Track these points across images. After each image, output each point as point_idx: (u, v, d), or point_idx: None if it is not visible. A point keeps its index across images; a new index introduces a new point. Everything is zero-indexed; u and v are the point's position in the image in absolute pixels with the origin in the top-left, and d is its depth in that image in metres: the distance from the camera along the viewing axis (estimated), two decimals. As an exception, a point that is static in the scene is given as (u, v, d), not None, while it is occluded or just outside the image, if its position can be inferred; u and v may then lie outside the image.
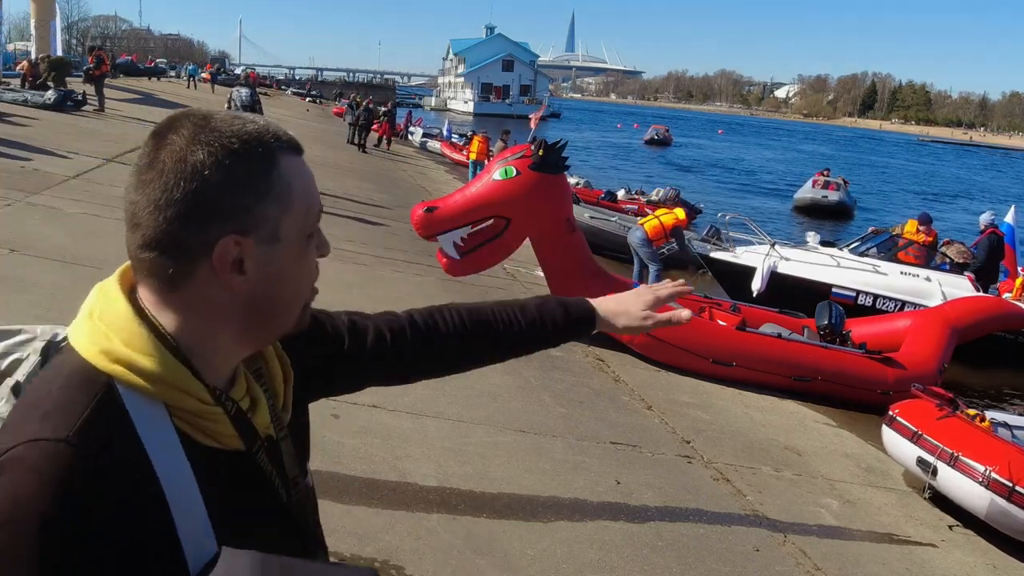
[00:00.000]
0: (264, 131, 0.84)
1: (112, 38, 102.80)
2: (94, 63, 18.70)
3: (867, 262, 10.21)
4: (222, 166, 0.79)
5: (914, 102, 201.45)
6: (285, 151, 0.84)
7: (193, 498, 0.79)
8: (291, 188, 0.83)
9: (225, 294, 0.82)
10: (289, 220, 0.83)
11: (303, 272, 0.87)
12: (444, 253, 7.13)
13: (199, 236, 0.79)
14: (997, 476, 4.75)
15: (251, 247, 0.81)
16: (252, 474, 0.88)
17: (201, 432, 0.82)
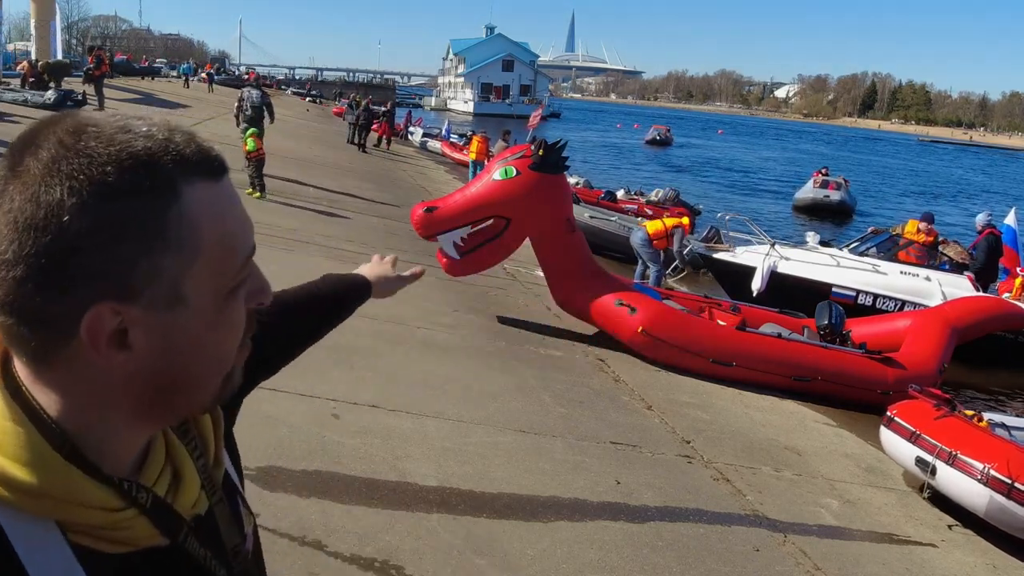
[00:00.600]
0: (161, 150, 0.61)
1: (112, 38, 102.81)
2: (94, 63, 18.71)
3: (867, 262, 10.22)
4: (89, 208, 0.58)
5: (914, 102, 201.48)
6: (193, 177, 0.62)
7: None
8: (198, 230, 0.62)
9: (108, 374, 0.62)
10: (197, 274, 0.62)
11: (223, 338, 0.66)
12: (444, 253, 7.14)
13: (60, 304, 0.59)
14: (996, 473, 4.76)
15: (137, 315, 0.61)
16: (182, 568, 0.71)
17: (107, 542, 0.65)
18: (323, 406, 4.33)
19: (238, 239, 0.66)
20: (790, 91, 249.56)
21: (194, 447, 0.76)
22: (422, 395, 4.95)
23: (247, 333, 0.70)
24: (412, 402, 4.78)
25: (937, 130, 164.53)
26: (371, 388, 4.83)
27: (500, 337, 6.77)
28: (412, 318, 6.60)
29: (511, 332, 7.04)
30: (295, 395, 4.35)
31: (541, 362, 6.37)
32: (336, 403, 4.43)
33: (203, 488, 0.75)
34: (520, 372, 5.90)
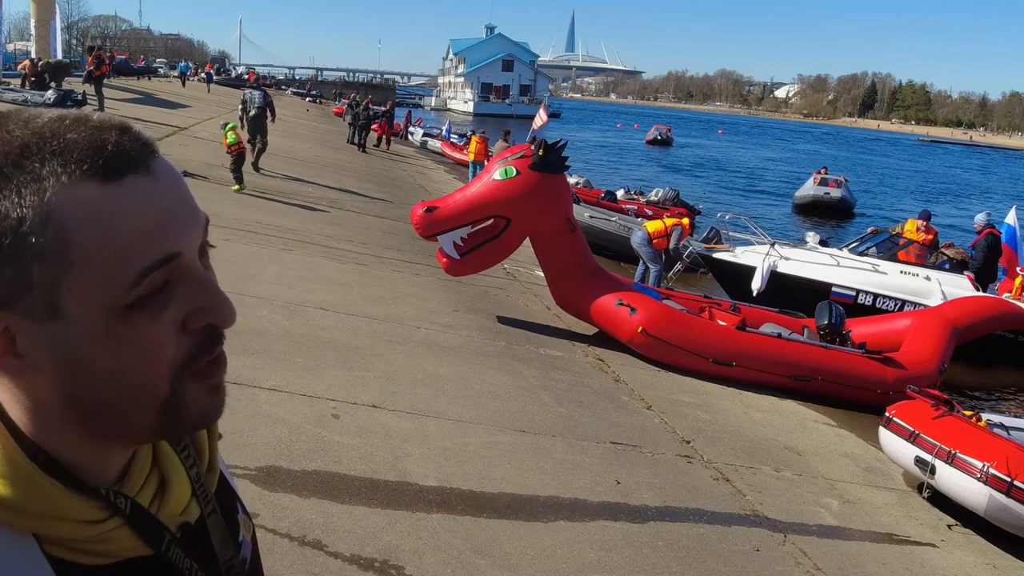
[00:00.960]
0: (38, 143, 0.55)
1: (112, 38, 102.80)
2: (94, 64, 18.72)
3: (867, 261, 10.23)
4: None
5: (914, 102, 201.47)
6: (71, 176, 0.55)
7: None
8: (70, 236, 0.55)
9: (31, 384, 0.59)
10: (75, 286, 0.56)
11: (123, 359, 0.58)
12: (444, 253, 7.14)
13: None
14: (995, 472, 4.76)
15: (18, 323, 0.56)
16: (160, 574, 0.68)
17: (87, 554, 0.62)
18: (323, 406, 4.34)
19: (137, 248, 0.56)
20: (790, 91, 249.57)
21: (187, 455, 0.72)
22: (422, 395, 4.95)
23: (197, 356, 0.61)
24: (412, 402, 4.78)
25: (937, 130, 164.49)
26: (371, 388, 4.83)
27: (500, 337, 6.78)
28: (412, 318, 6.60)
29: (511, 332, 7.04)
30: (295, 395, 4.35)
31: (541, 362, 6.37)
32: (336, 403, 4.43)
33: (195, 496, 0.72)
34: (520, 372, 5.90)
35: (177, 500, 0.69)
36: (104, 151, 0.56)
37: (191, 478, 0.71)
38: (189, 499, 0.71)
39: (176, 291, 0.59)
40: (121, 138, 0.58)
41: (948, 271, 10.23)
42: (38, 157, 0.55)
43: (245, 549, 0.80)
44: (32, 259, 0.54)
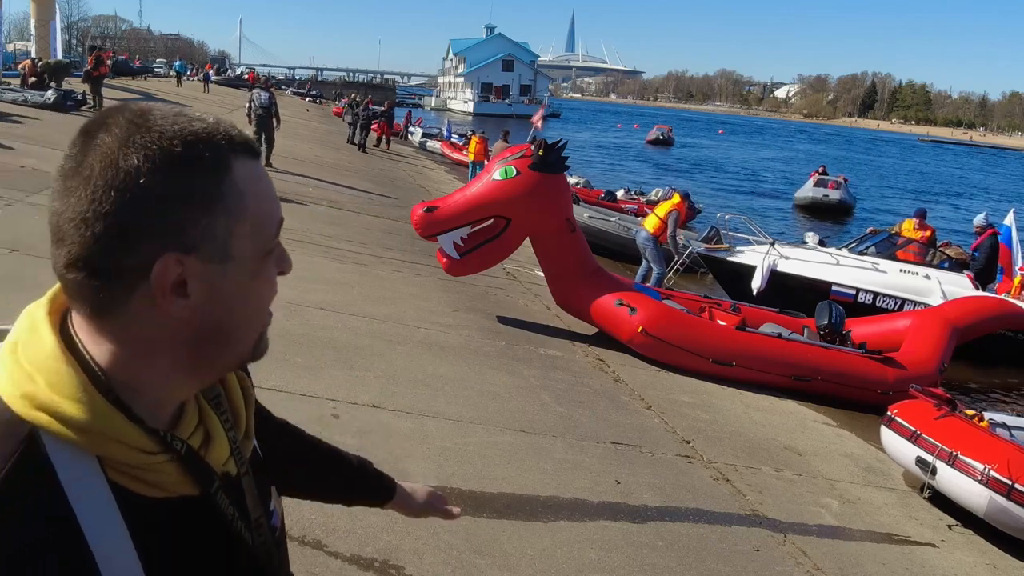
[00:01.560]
0: (214, 131, 0.72)
1: (112, 38, 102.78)
2: (93, 63, 18.72)
3: (867, 260, 10.23)
4: (161, 173, 0.68)
5: (914, 102, 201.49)
6: (239, 155, 0.73)
7: (129, 564, 0.70)
8: (244, 198, 0.72)
9: (166, 321, 0.71)
10: (242, 235, 0.72)
11: (259, 293, 0.76)
12: (444, 253, 7.14)
13: (134, 255, 0.68)
14: (996, 474, 4.75)
15: (195, 266, 0.70)
16: (209, 521, 0.78)
17: (142, 483, 0.72)
18: (323, 406, 4.33)
19: (272, 208, 0.77)
20: (790, 91, 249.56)
21: (225, 419, 0.83)
22: (422, 395, 4.95)
23: (271, 299, 0.79)
24: (412, 402, 4.77)
25: (937, 130, 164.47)
26: (371, 388, 4.83)
27: (500, 337, 6.77)
28: (412, 318, 6.60)
29: (511, 332, 7.04)
30: (295, 395, 4.35)
31: (541, 362, 6.37)
32: (336, 403, 4.43)
33: (232, 456, 0.82)
34: (520, 372, 5.89)
35: (220, 452, 0.80)
36: (248, 138, 0.76)
37: (229, 439, 0.82)
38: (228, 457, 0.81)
39: (277, 245, 0.78)
40: (240, 132, 0.76)
41: (948, 270, 10.24)
42: (217, 139, 0.72)
43: (276, 518, 0.90)
44: (219, 212, 0.71)
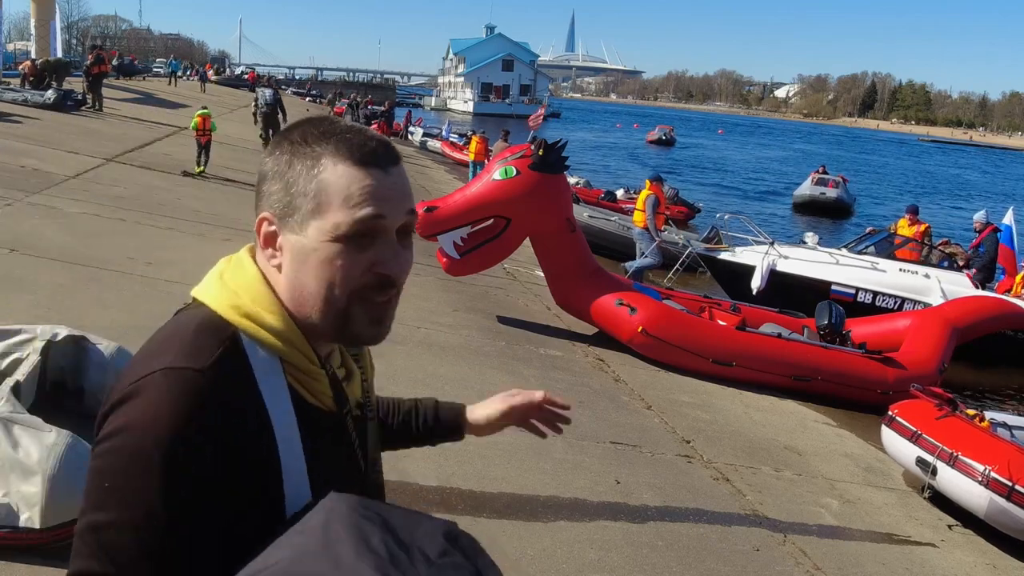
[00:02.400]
0: (332, 135, 0.91)
1: (112, 38, 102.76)
2: (93, 60, 18.73)
3: (866, 259, 10.23)
4: (280, 159, 0.92)
5: (914, 102, 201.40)
6: (336, 159, 0.90)
7: (296, 446, 0.89)
8: (327, 191, 0.89)
9: (280, 273, 0.92)
10: (318, 218, 0.89)
11: (322, 268, 0.90)
12: (444, 253, 7.14)
13: (258, 208, 0.94)
14: (996, 475, 4.75)
15: (280, 229, 0.92)
16: (341, 436, 0.97)
17: (306, 389, 0.92)
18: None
19: (354, 210, 0.89)
20: (790, 91, 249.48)
21: (363, 370, 1.05)
22: (422, 395, 4.93)
23: (368, 289, 0.91)
24: (412, 402, 4.77)
25: (937, 130, 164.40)
26: (371, 388, 4.82)
27: (500, 337, 6.77)
28: (412, 318, 6.59)
29: (511, 332, 7.04)
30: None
31: (541, 362, 6.36)
32: (336, 403, 4.42)
33: (363, 400, 1.03)
34: (520, 372, 5.89)
35: (355, 388, 1.01)
36: (362, 151, 0.91)
37: (363, 387, 1.04)
38: (360, 399, 1.02)
39: (375, 243, 0.91)
40: (377, 146, 0.92)
41: (947, 269, 10.24)
42: (325, 143, 0.91)
43: (379, 465, 1.09)
44: (305, 196, 0.90)
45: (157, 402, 0.81)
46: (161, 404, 0.81)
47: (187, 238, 7.50)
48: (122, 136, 14.67)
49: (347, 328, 0.92)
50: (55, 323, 3.37)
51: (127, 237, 7.03)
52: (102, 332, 3.57)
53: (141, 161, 11.98)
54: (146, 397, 0.82)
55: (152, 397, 0.81)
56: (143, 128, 17.06)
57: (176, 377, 0.83)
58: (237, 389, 0.86)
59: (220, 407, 0.83)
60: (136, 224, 7.60)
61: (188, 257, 6.65)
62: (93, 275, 5.68)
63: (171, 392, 0.82)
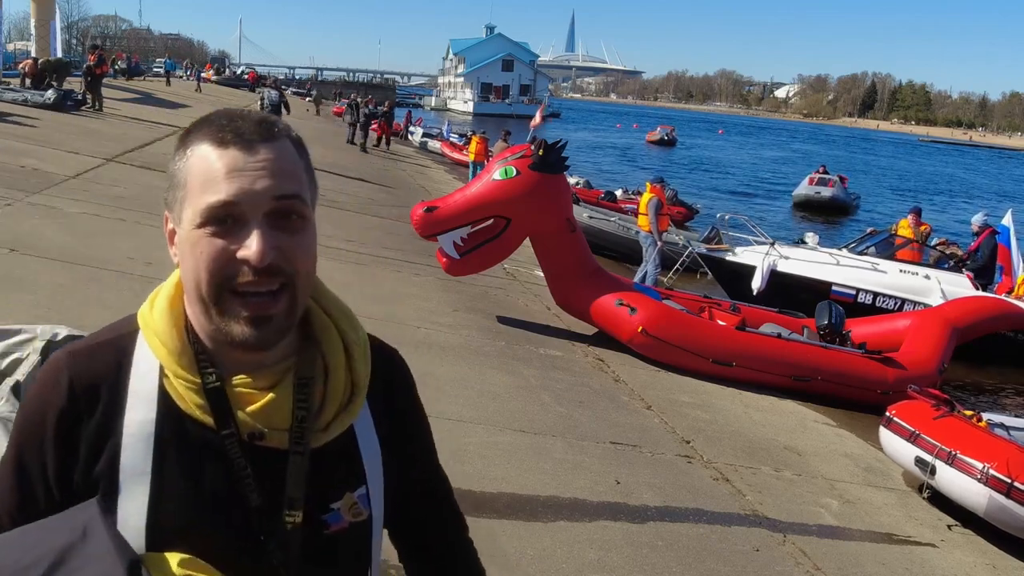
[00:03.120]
0: (205, 121, 0.89)
1: (112, 38, 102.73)
2: (95, 61, 18.72)
3: (867, 260, 10.23)
4: (172, 156, 0.90)
5: (914, 102, 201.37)
6: (203, 139, 0.87)
7: (141, 447, 0.87)
8: (190, 177, 0.86)
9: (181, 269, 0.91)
10: (187, 206, 0.87)
11: (196, 260, 0.86)
12: (444, 253, 7.14)
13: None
14: (995, 473, 4.76)
15: (174, 224, 0.90)
16: (216, 457, 0.89)
17: (179, 397, 0.89)
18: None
19: (208, 194, 0.85)
20: (790, 91, 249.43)
21: (302, 399, 0.92)
22: (422, 395, 4.93)
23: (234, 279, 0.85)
24: (412, 402, 4.77)
25: (937, 130, 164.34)
26: (371, 388, 4.82)
27: (500, 337, 6.77)
28: (412, 318, 6.60)
29: (511, 332, 7.04)
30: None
31: (541, 362, 6.37)
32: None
33: (290, 431, 0.91)
34: (520, 372, 5.90)
35: (258, 412, 0.90)
36: (223, 130, 0.86)
37: (294, 416, 0.91)
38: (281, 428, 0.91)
39: (236, 228, 0.85)
40: (243, 124, 0.87)
41: (948, 270, 10.24)
42: (195, 126, 0.89)
43: (335, 519, 0.95)
44: (176, 185, 0.88)
45: (39, 374, 0.95)
46: (37, 376, 0.94)
47: (187, 238, 7.48)
48: (122, 136, 14.67)
49: (223, 326, 0.87)
50: (55, 323, 3.37)
51: (127, 237, 7.03)
52: (102, 332, 3.56)
53: (141, 161, 11.98)
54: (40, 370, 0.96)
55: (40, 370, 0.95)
56: (143, 128, 17.06)
57: (52, 357, 0.93)
58: (97, 379, 0.89)
59: (70, 390, 0.88)
60: (136, 224, 7.59)
61: (188, 257, 6.64)
62: (93, 275, 5.68)
63: (43, 368, 0.93)
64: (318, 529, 0.94)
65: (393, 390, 1.08)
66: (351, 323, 1.00)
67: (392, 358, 1.12)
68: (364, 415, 1.00)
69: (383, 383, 1.04)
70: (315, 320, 0.98)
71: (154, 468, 0.87)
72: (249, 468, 0.89)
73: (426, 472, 1.17)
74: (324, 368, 0.95)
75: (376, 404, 1.02)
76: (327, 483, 0.95)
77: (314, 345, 0.96)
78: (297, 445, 0.91)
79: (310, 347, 0.96)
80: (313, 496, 0.93)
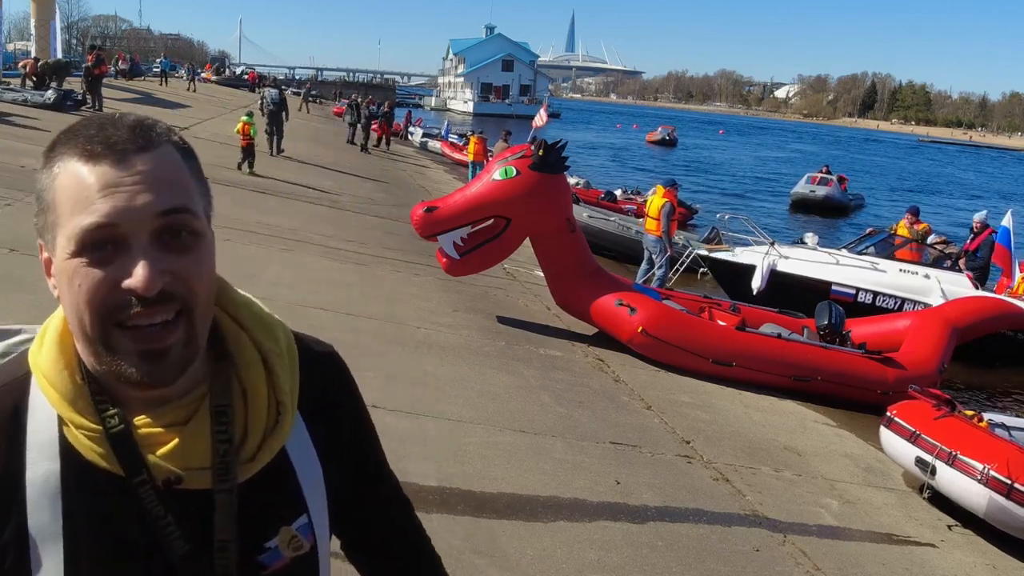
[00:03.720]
0: (72, 132, 0.78)
1: (112, 38, 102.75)
2: (93, 61, 18.72)
3: (866, 260, 10.23)
4: (38, 174, 0.80)
5: (914, 102, 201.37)
6: (70, 153, 0.76)
7: (47, 505, 0.78)
8: (57, 195, 0.76)
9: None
10: (59, 232, 0.76)
11: (75, 295, 0.75)
12: (444, 253, 7.14)
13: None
14: (995, 474, 4.76)
15: (49, 252, 0.79)
16: (132, 507, 0.79)
17: (81, 445, 0.79)
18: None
19: (80, 216, 0.74)
20: (790, 91, 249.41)
21: (221, 431, 0.81)
22: (422, 395, 4.95)
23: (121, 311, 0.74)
24: (412, 402, 4.77)
25: (937, 130, 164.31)
26: (371, 388, 4.82)
27: (500, 337, 6.77)
28: (412, 318, 6.60)
29: (511, 332, 7.04)
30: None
31: (541, 362, 6.37)
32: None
33: (213, 469, 0.81)
34: (520, 372, 5.90)
35: (173, 452, 0.79)
36: (91, 140, 0.76)
37: (214, 451, 0.81)
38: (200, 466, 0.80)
39: (117, 255, 0.74)
40: (115, 133, 0.76)
41: (947, 270, 10.24)
42: (59, 140, 0.78)
43: (272, 558, 0.85)
44: (42, 209, 0.77)
45: None
46: None
47: (187, 238, 7.47)
48: (122, 136, 14.66)
49: (113, 366, 0.76)
50: (55, 323, 3.37)
51: (127, 237, 7.02)
52: (102, 332, 3.56)
53: (141, 161, 11.97)
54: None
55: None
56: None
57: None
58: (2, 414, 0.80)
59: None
60: (136, 224, 7.57)
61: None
62: (93, 275, 5.68)
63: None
64: (255, 571, 0.84)
65: (330, 394, 0.94)
66: (268, 331, 0.87)
67: (325, 358, 0.97)
68: (298, 432, 0.88)
69: (319, 389, 0.92)
70: (226, 334, 0.86)
71: (65, 529, 0.78)
72: (169, 516, 0.79)
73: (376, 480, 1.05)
74: (242, 389, 0.84)
75: (312, 414, 0.90)
76: (260, 519, 0.84)
77: (228, 364, 0.84)
78: (222, 483, 0.81)
79: (224, 368, 0.84)
80: (245, 535, 0.82)
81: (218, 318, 0.85)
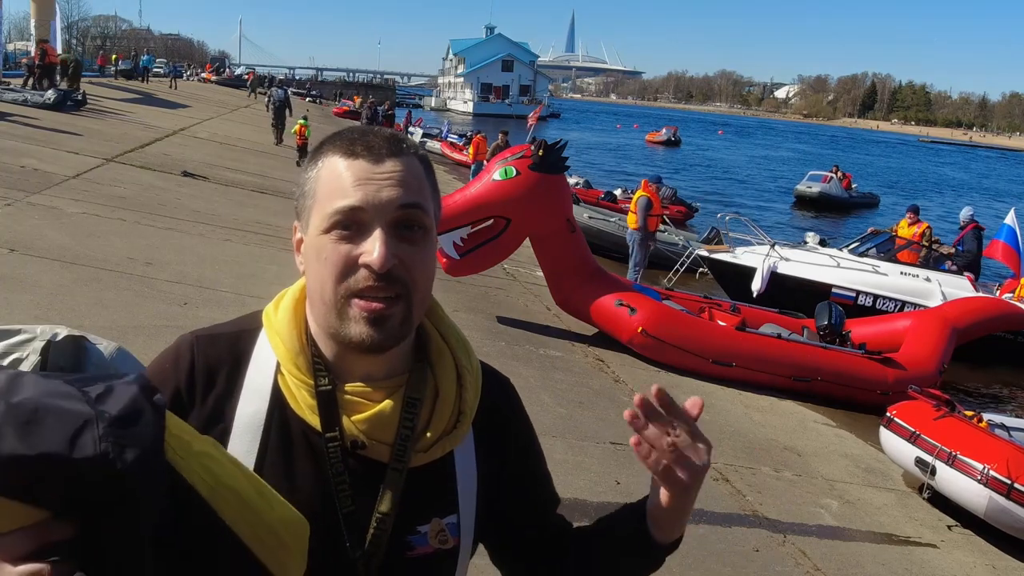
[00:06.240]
0: (337, 136, 0.95)
1: (112, 38, 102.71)
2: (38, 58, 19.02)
3: (867, 262, 10.22)
4: (304, 169, 0.97)
5: (914, 103, 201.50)
6: (334, 151, 0.93)
7: (247, 438, 0.92)
8: (319, 185, 0.92)
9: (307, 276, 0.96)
10: (314, 213, 0.92)
11: (321, 265, 0.90)
12: (444, 253, 7.13)
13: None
14: (995, 474, 4.76)
15: (301, 232, 0.96)
16: (316, 459, 0.92)
17: (291, 395, 0.93)
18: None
19: (335, 200, 0.89)
20: (790, 91, 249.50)
21: (410, 417, 0.94)
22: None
23: (359, 282, 0.88)
24: (412, 402, 4.77)
25: (937, 131, 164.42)
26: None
27: (500, 337, 6.77)
28: (412, 318, 6.59)
29: (511, 332, 7.04)
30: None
31: (541, 362, 6.37)
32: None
33: (393, 446, 0.93)
34: (520, 372, 5.89)
35: (364, 421, 0.92)
36: (354, 143, 0.92)
37: (398, 433, 0.94)
38: (386, 443, 0.93)
39: (357, 236, 0.89)
40: (374, 139, 0.92)
41: (947, 272, 10.24)
42: (329, 141, 0.95)
43: (420, 542, 0.96)
44: (306, 194, 0.94)
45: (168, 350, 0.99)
46: (160, 354, 0.99)
47: (187, 238, 7.48)
48: (122, 136, 14.67)
49: (342, 328, 0.90)
50: (55, 323, 3.37)
51: (127, 237, 7.02)
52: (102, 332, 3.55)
53: (141, 161, 11.98)
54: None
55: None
56: (143, 128, 17.06)
57: (179, 338, 0.98)
58: (217, 366, 0.94)
59: (190, 372, 0.94)
60: (136, 224, 7.58)
61: (187, 257, 6.63)
62: (93, 275, 5.68)
63: (169, 347, 0.98)
64: (401, 549, 0.94)
65: (502, 419, 1.07)
66: (466, 351, 1.03)
67: (502, 386, 1.12)
68: (467, 444, 1.01)
69: (491, 411, 1.04)
70: (432, 345, 1.01)
71: (257, 459, 0.91)
72: (346, 474, 0.92)
73: (537, 499, 1.19)
74: (434, 391, 0.98)
75: (482, 432, 1.03)
76: (418, 504, 0.95)
77: (427, 367, 0.99)
78: (397, 461, 0.93)
79: (423, 368, 0.98)
80: (402, 515, 0.93)
81: (428, 331, 1.01)
